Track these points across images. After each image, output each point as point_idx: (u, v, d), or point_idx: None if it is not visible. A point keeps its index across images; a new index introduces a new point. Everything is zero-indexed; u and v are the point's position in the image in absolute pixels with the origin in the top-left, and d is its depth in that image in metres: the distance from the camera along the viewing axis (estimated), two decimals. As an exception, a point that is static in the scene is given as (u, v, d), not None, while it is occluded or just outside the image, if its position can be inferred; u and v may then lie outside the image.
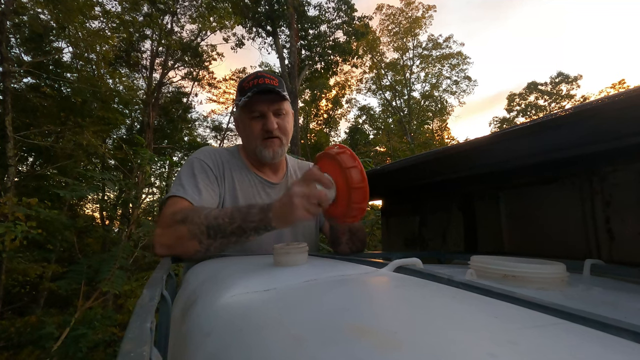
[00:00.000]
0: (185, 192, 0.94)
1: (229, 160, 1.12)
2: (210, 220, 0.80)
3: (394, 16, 20.89)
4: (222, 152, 1.15)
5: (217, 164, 1.08)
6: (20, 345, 3.92)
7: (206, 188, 0.99)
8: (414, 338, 0.27)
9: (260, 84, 1.04)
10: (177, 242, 0.82)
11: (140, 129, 11.30)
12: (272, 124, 1.06)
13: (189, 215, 0.82)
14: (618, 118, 0.76)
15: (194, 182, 0.99)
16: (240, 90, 1.09)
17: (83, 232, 7.25)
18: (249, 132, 1.09)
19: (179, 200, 0.93)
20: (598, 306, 0.46)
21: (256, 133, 1.08)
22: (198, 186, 0.98)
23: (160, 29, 9.33)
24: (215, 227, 0.79)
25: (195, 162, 1.05)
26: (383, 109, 22.33)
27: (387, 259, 0.61)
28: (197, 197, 0.94)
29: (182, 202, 0.93)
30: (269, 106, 1.06)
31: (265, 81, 1.05)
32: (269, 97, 1.06)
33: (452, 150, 1.11)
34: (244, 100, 1.04)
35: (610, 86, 20.04)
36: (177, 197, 0.94)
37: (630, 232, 0.95)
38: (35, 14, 6.83)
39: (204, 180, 1.01)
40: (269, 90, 1.04)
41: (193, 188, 0.97)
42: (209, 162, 1.07)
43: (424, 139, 19.16)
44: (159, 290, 0.47)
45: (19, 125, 6.55)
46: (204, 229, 0.79)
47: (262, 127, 1.07)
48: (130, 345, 0.27)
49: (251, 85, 1.05)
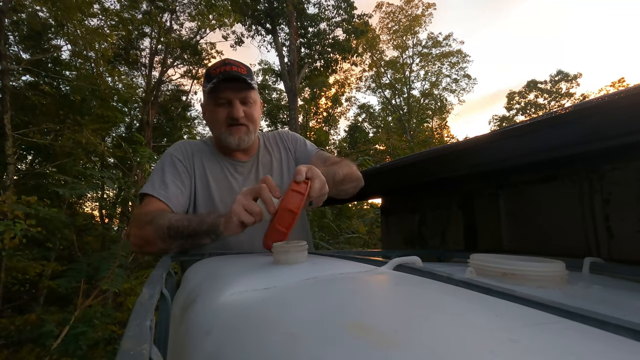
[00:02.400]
0: (153, 189, 1.02)
1: (200, 149, 1.17)
2: (172, 223, 0.86)
3: (394, 14, 20.86)
4: (195, 143, 1.19)
5: (186, 155, 1.13)
6: (20, 343, 3.92)
7: (173, 181, 1.05)
8: (414, 336, 0.27)
9: (228, 71, 1.04)
10: (145, 243, 0.90)
11: (139, 127, 11.26)
12: (238, 111, 1.07)
13: (155, 218, 0.89)
14: (618, 116, 0.76)
15: (162, 178, 1.05)
16: (207, 77, 1.08)
17: (82, 231, 7.26)
18: (214, 118, 1.10)
19: (149, 200, 1.01)
20: (597, 304, 0.46)
21: (221, 120, 1.09)
22: (165, 181, 1.04)
23: (160, 26, 9.30)
24: (174, 229, 0.85)
25: (166, 158, 1.11)
26: (383, 107, 22.34)
27: (386, 257, 0.61)
28: (163, 192, 1.01)
29: (152, 201, 1.00)
30: (235, 94, 1.07)
31: (233, 69, 1.05)
32: (236, 85, 1.06)
33: (452, 148, 1.11)
34: (209, 86, 1.04)
35: (610, 84, 20.09)
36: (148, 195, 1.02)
37: (629, 230, 0.95)
38: (33, 12, 6.81)
39: (172, 174, 1.07)
40: (236, 78, 1.04)
41: (160, 184, 1.04)
42: (179, 155, 1.12)
43: (423, 137, 19.18)
44: (158, 289, 0.47)
45: (18, 123, 6.53)
46: (166, 230, 0.86)
47: (227, 114, 1.08)
48: (129, 343, 0.27)
49: (218, 72, 1.05)
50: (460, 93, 22.19)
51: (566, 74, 24.85)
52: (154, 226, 0.87)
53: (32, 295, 6.15)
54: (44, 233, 4.39)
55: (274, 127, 17.95)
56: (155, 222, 0.88)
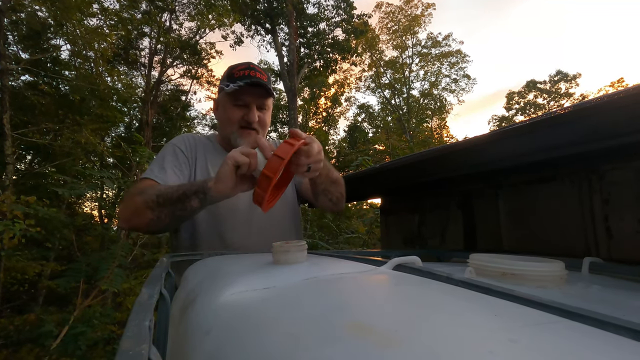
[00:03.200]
0: (152, 173, 1.02)
1: (204, 143, 1.18)
2: (161, 190, 0.87)
3: (393, 14, 20.86)
4: (198, 137, 1.21)
5: (189, 146, 1.14)
6: (19, 343, 3.92)
7: (172, 168, 1.06)
8: (414, 336, 0.27)
9: (252, 76, 1.06)
10: (134, 214, 0.89)
11: (138, 127, 11.26)
12: (254, 116, 1.09)
13: (145, 189, 0.90)
14: (617, 116, 0.76)
15: (161, 164, 1.06)
16: (228, 76, 1.10)
17: (82, 230, 7.24)
18: (228, 116, 1.11)
19: (144, 181, 1.01)
20: (597, 304, 0.46)
21: (235, 119, 1.10)
22: (164, 166, 1.05)
23: (159, 26, 9.30)
24: (163, 195, 0.86)
25: (168, 147, 1.12)
26: (382, 107, 22.35)
27: (386, 257, 0.61)
28: (160, 175, 1.02)
29: (147, 181, 1.00)
30: (254, 99, 1.09)
31: (257, 74, 1.07)
32: (258, 90, 1.08)
33: (451, 148, 1.11)
34: (232, 87, 1.05)
35: (609, 84, 20.11)
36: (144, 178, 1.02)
37: (628, 230, 0.95)
38: (33, 11, 6.80)
39: (171, 161, 1.08)
40: (259, 84, 1.06)
41: (159, 169, 1.04)
42: (182, 145, 1.13)
43: (423, 137, 19.19)
44: (157, 289, 0.47)
45: (17, 123, 6.52)
46: (154, 197, 0.86)
47: (242, 116, 1.10)
48: (129, 343, 0.27)
49: (241, 74, 1.07)
50: (459, 93, 22.23)
51: (565, 74, 24.88)
52: (143, 197, 0.88)
53: (31, 295, 6.14)
54: (43, 233, 4.39)
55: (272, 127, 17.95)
56: (145, 192, 0.89)
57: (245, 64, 1.10)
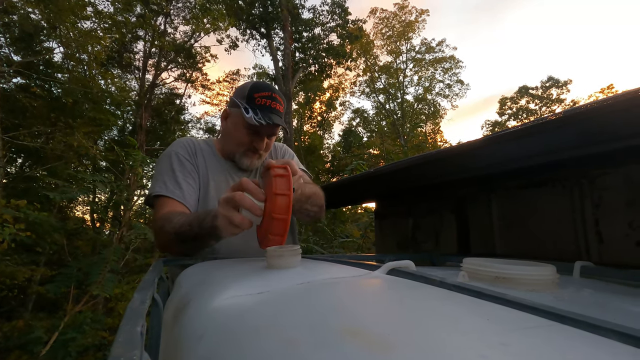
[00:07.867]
0: (167, 189, 1.02)
1: (203, 148, 1.19)
2: (177, 229, 0.88)
3: (388, 20, 21.04)
4: (197, 141, 1.21)
5: (191, 153, 1.14)
6: (7, 350, 3.84)
7: (185, 180, 1.06)
8: (407, 340, 0.27)
9: (273, 108, 1.07)
10: (166, 246, 0.95)
11: (132, 130, 11.19)
12: (262, 145, 1.12)
13: (165, 225, 0.91)
14: (607, 122, 0.78)
15: (174, 177, 1.05)
16: (249, 98, 1.07)
17: (73, 235, 7.16)
18: (238, 137, 1.12)
19: (164, 201, 1.01)
20: (588, 308, 0.46)
21: (244, 142, 1.12)
22: (177, 180, 1.05)
23: (154, 30, 9.25)
24: (181, 235, 0.87)
25: (172, 156, 1.11)
26: (377, 112, 22.44)
27: (380, 262, 0.61)
28: (178, 192, 1.02)
29: (167, 202, 1.01)
30: (267, 130, 1.11)
31: (277, 106, 1.08)
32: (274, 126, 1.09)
33: (445, 153, 1.12)
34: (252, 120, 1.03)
35: (599, 91, 20.44)
36: (162, 196, 1.02)
37: (618, 234, 0.96)
38: (25, 14, 6.75)
39: (182, 172, 1.07)
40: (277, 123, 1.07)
41: (174, 184, 1.04)
42: (184, 153, 1.13)
43: (417, 142, 19.29)
44: (150, 294, 0.47)
45: (8, 126, 6.44)
46: (174, 237, 0.88)
47: (252, 141, 1.11)
48: (120, 349, 0.26)
49: (263, 103, 1.06)
50: (453, 98, 22.40)
51: (557, 80, 25.23)
52: (165, 234, 0.90)
53: (21, 301, 6.04)
54: (34, 237, 4.32)
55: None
56: (164, 229, 0.91)
57: (267, 90, 1.07)
